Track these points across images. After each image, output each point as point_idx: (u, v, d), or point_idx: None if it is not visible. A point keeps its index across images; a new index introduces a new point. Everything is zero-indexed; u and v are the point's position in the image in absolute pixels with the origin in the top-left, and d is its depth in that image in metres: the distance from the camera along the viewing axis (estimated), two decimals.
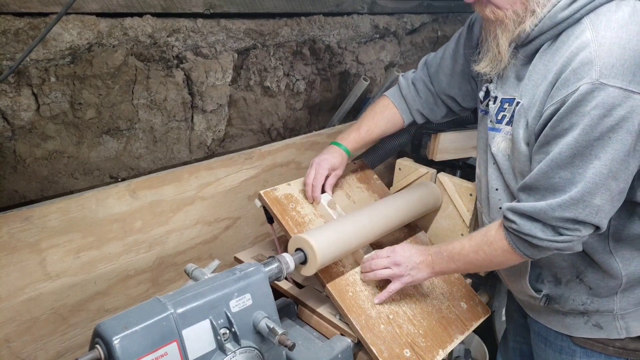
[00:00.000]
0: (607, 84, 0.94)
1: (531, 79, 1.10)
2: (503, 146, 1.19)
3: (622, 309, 1.20)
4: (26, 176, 1.42)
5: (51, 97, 1.39)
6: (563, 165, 1.01)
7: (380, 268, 1.28)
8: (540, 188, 1.05)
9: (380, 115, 1.51)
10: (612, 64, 0.95)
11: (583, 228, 1.03)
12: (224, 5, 1.71)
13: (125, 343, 0.83)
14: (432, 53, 1.52)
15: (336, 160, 1.46)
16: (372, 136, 1.51)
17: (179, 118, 1.72)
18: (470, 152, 1.81)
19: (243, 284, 1.00)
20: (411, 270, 1.25)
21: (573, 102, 0.97)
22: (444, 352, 1.28)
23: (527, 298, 1.31)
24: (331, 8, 2.12)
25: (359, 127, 1.51)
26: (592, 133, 0.97)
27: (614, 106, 0.94)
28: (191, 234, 1.58)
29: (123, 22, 1.46)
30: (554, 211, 1.02)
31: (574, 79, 0.98)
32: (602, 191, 0.99)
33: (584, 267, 1.20)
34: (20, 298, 1.22)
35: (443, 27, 2.89)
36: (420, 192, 1.55)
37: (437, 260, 1.24)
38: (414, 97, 1.50)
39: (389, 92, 1.54)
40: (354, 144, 1.50)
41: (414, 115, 1.51)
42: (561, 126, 1.00)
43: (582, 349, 1.27)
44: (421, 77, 1.50)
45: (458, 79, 1.43)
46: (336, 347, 1.20)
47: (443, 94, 1.47)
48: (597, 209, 1.01)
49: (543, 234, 1.05)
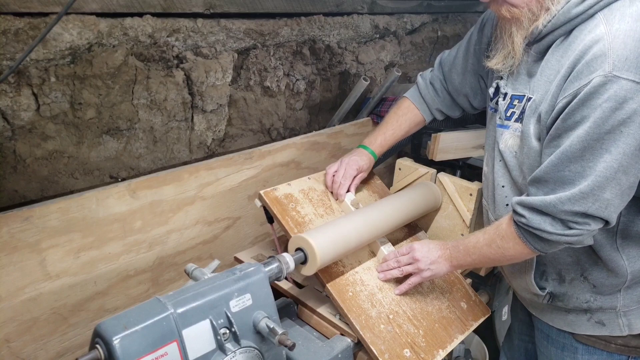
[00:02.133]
0: (620, 77, 0.94)
1: (544, 75, 1.10)
2: (511, 143, 1.19)
3: (625, 306, 1.21)
4: (26, 176, 1.42)
5: (51, 97, 1.39)
6: (574, 158, 1.01)
7: (402, 265, 1.32)
8: (550, 181, 1.05)
9: (404, 118, 1.55)
10: (625, 56, 0.94)
11: (592, 222, 1.03)
12: (224, 5, 1.71)
13: (125, 343, 0.83)
14: (446, 51, 1.54)
15: (364, 163, 1.51)
16: (396, 138, 1.57)
17: (179, 118, 1.72)
18: (470, 152, 1.81)
19: (243, 284, 1.00)
20: (431, 264, 1.28)
21: (585, 95, 0.97)
22: (444, 352, 1.28)
23: (530, 296, 1.32)
24: (331, 8, 2.12)
25: (384, 131, 1.55)
26: (604, 126, 0.96)
27: (626, 99, 0.94)
28: (191, 234, 1.58)
29: (123, 22, 1.46)
30: (563, 205, 1.02)
31: (587, 71, 0.98)
32: (612, 185, 0.99)
33: (589, 265, 1.20)
34: (20, 298, 1.22)
35: (443, 27, 2.89)
36: (420, 192, 1.55)
37: (455, 254, 1.26)
38: (432, 97, 1.54)
39: (409, 93, 1.59)
40: (380, 148, 1.55)
41: (434, 113, 1.56)
42: (573, 119, 1.00)
43: (584, 346, 1.28)
44: (437, 77, 1.54)
45: (470, 78, 1.45)
46: (336, 347, 1.20)
47: (456, 93, 1.51)
48: (607, 203, 1.00)
49: (552, 227, 1.05)
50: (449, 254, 1.27)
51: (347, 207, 1.47)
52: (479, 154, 1.80)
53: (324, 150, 1.98)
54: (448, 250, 1.28)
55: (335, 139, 2.02)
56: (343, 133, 2.05)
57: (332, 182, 1.48)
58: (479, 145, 1.79)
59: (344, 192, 1.47)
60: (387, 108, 2.15)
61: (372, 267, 1.39)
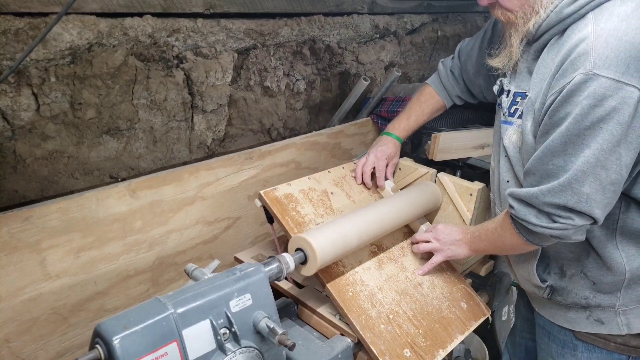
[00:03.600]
0: (600, 75, 0.96)
1: (539, 73, 1.13)
2: (514, 139, 1.22)
3: (624, 305, 1.21)
4: (26, 176, 1.42)
5: (51, 97, 1.39)
6: (556, 152, 1.04)
7: (423, 241, 1.42)
8: (536, 173, 1.10)
9: (426, 104, 1.64)
10: (606, 55, 0.97)
11: (576, 217, 1.05)
12: (224, 5, 1.71)
13: (125, 343, 0.83)
14: (466, 39, 1.60)
15: (391, 150, 1.61)
16: (419, 123, 1.66)
17: (179, 118, 1.72)
18: (470, 152, 1.80)
19: (243, 284, 1.00)
20: (451, 245, 1.37)
21: (567, 92, 1.00)
22: (444, 352, 1.28)
23: (532, 288, 1.34)
24: (331, 8, 2.12)
25: (408, 117, 1.64)
26: (583, 122, 0.99)
27: (604, 97, 0.96)
28: (191, 234, 1.58)
29: (123, 22, 1.46)
30: (544, 196, 1.06)
31: (571, 69, 1.01)
32: (590, 179, 1.01)
33: (589, 262, 1.22)
34: (20, 298, 1.22)
35: (443, 27, 2.89)
36: (420, 192, 1.55)
37: (472, 239, 1.34)
38: (452, 84, 1.61)
39: (430, 80, 1.66)
40: (404, 132, 1.64)
41: (454, 99, 1.64)
42: (557, 115, 1.04)
43: (584, 344, 1.29)
44: (457, 64, 1.61)
45: (483, 71, 1.49)
46: (336, 347, 1.20)
47: (471, 83, 1.57)
48: (586, 197, 1.03)
49: (537, 220, 1.09)
50: (469, 239, 1.35)
51: (388, 193, 1.59)
52: (479, 154, 1.80)
53: (324, 150, 1.98)
54: (468, 234, 1.35)
55: (335, 139, 2.02)
56: (343, 133, 2.05)
57: (362, 173, 1.58)
58: (479, 145, 1.79)
59: (383, 182, 1.58)
60: (387, 108, 2.15)
61: (372, 267, 1.39)
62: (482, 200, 1.51)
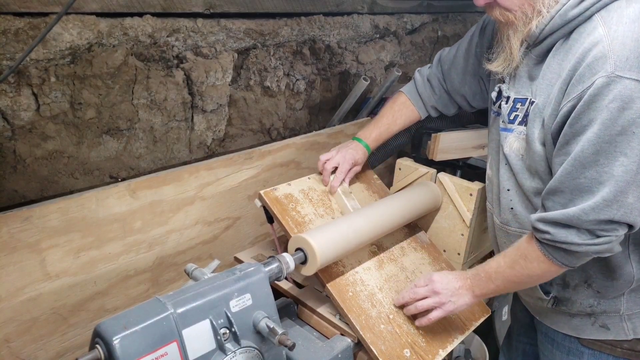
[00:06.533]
0: (623, 76, 0.93)
1: (545, 78, 1.09)
2: (516, 146, 1.17)
3: (629, 309, 1.20)
4: (26, 176, 1.42)
5: (51, 97, 1.39)
6: (587, 164, 0.98)
7: (420, 298, 1.25)
8: (566, 191, 1.02)
9: (399, 113, 1.56)
10: (626, 56, 0.93)
11: (620, 227, 1.00)
12: (224, 5, 1.71)
13: (125, 343, 0.83)
14: (446, 49, 1.53)
15: (359, 157, 1.52)
16: (391, 133, 1.57)
17: (179, 118, 1.72)
18: (470, 152, 1.80)
19: (243, 284, 1.00)
20: (452, 296, 1.22)
21: (590, 97, 0.96)
22: (444, 352, 1.28)
23: (534, 300, 1.31)
24: (331, 8, 2.12)
25: (379, 125, 1.56)
26: (613, 127, 0.94)
27: (632, 99, 0.92)
28: (191, 234, 1.58)
29: (123, 22, 1.46)
30: (587, 215, 0.99)
31: (589, 74, 0.96)
32: (633, 188, 0.96)
33: (594, 272, 1.19)
34: (20, 298, 1.22)
35: (443, 27, 2.89)
36: (420, 192, 1.55)
37: (476, 282, 1.20)
38: (429, 94, 1.54)
39: (405, 88, 1.59)
40: (374, 142, 1.56)
41: (429, 110, 1.57)
42: (580, 123, 0.98)
43: (590, 351, 1.26)
44: (436, 74, 1.53)
45: (469, 79, 1.45)
46: (336, 347, 1.20)
47: (455, 92, 1.50)
48: (631, 207, 0.97)
49: (579, 238, 1.01)
50: (470, 284, 1.21)
51: (339, 196, 1.49)
52: (479, 154, 1.80)
53: (324, 150, 1.97)
54: (468, 279, 1.22)
55: (335, 139, 2.02)
56: (343, 133, 2.05)
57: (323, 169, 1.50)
58: (479, 145, 1.79)
59: (336, 185, 1.49)
60: None
61: (372, 267, 1.39)
62: (482, 200, 1.51)
